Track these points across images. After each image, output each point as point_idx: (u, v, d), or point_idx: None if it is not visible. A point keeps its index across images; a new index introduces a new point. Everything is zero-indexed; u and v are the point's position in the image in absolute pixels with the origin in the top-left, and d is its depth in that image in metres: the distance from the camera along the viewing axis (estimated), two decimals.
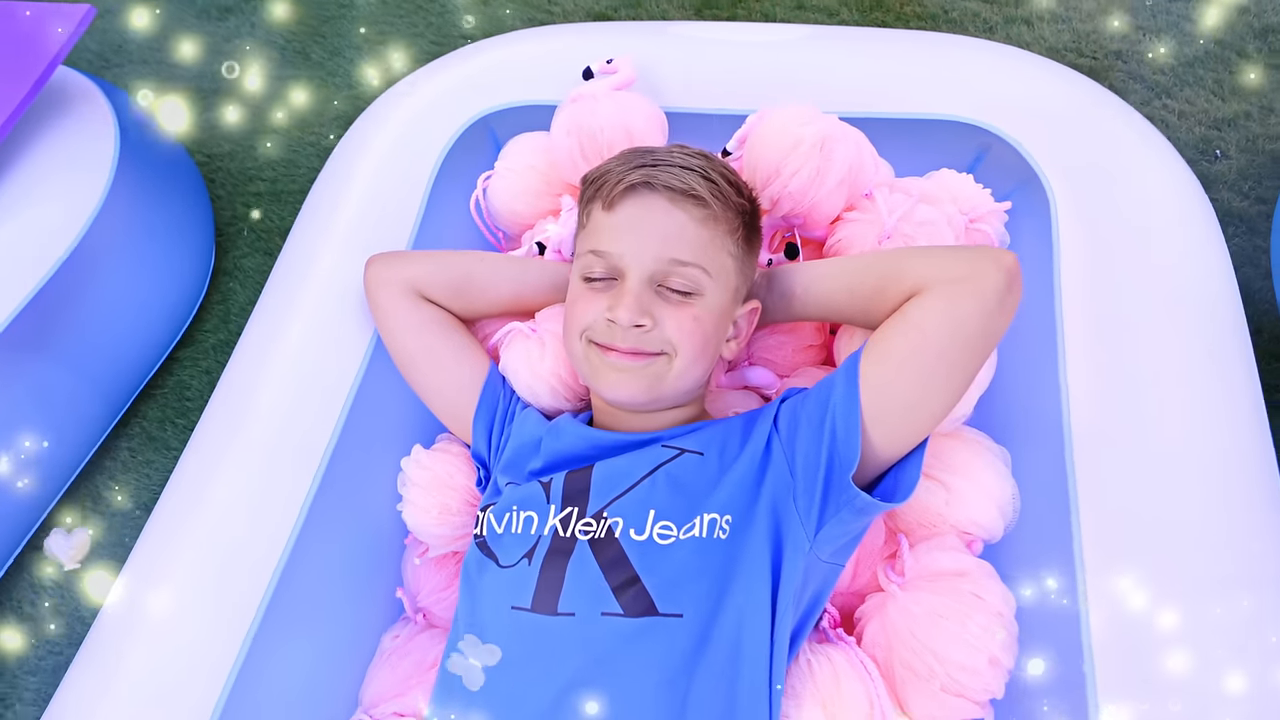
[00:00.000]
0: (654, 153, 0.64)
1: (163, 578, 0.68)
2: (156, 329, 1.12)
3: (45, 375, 0.99)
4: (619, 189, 0.62)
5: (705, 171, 0.62)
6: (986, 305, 0.56)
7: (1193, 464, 0.63)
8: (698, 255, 0.61)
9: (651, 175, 0.61)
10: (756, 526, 0.58)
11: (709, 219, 0.62)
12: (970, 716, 0.58)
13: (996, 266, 0.57)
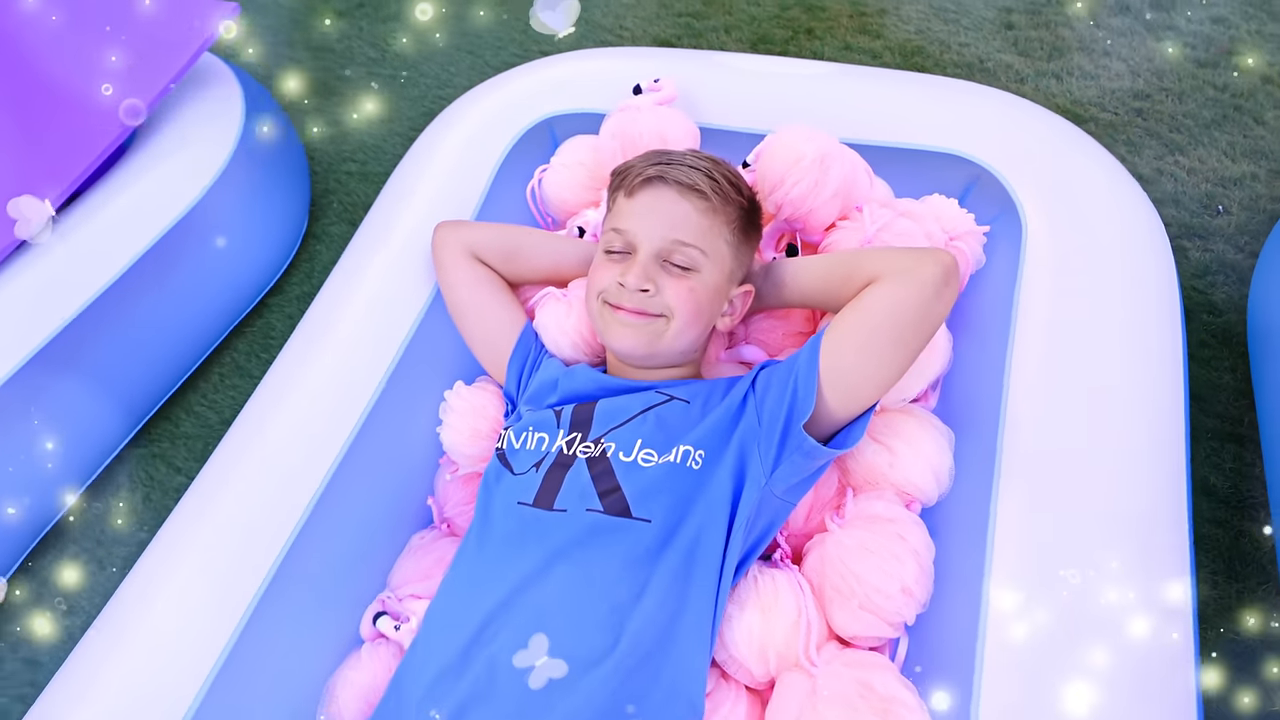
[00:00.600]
0: (671, 154, 0.79)
1: (243, 462, 0.85)
2: (253, 277, 1.33)
3: (159, 305, 1.19)
4: (638, 180, 0.77)
5: (710, 171, 0.77)
6: (924, 293, 0.69)
7: (1107, 461, 0.73)
8: (697, 238, 0.76)
9: (665, 171, 0.76)
10: (724, 462, 0.72)
11: (709, 210, 0.76)
12: (884, 636, 0.70)
13: (935, 262, 0.69)
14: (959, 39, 1.52)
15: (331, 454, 0.85)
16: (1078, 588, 0.65)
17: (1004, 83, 1.43)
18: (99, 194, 1.14)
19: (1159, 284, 0.85)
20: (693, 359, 0.84)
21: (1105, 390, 0.76)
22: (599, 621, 0.65)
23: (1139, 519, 0.70)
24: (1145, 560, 0.68)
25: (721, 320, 0.82)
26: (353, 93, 1.70)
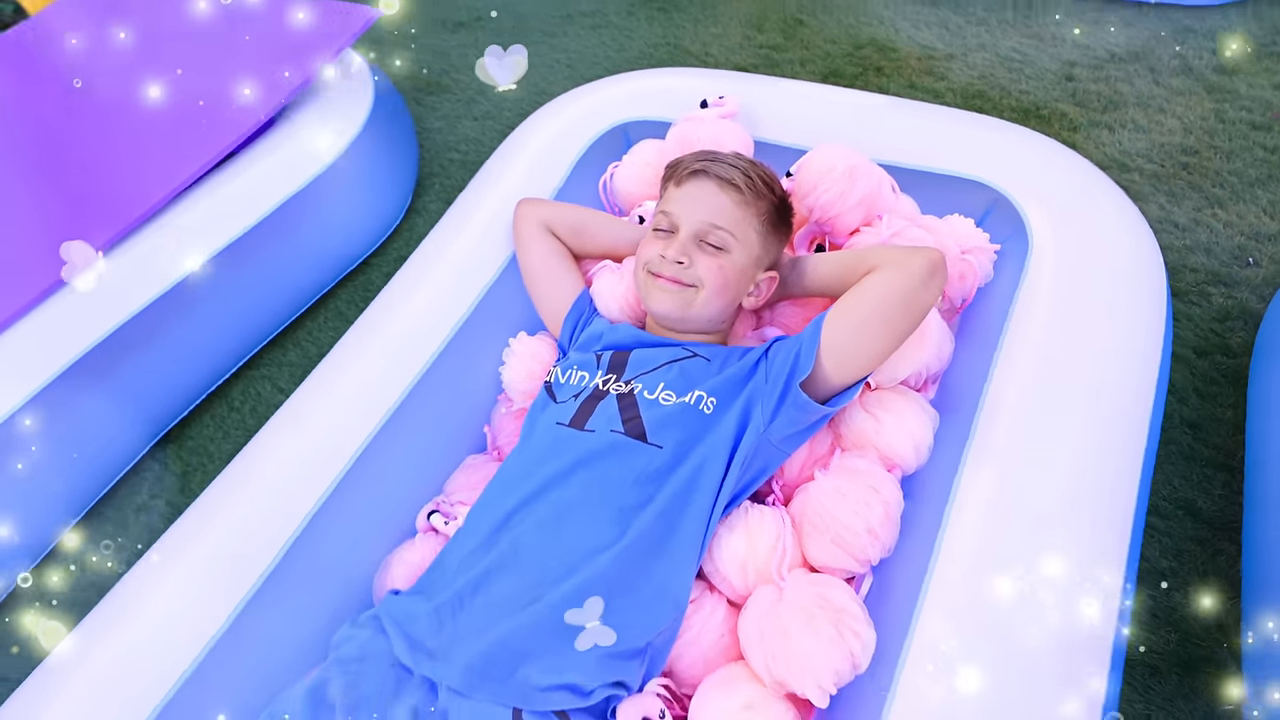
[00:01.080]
0: (716, 153, 0.95)
1: (333, 385, 1.03)
2: (361, 239, 1.55)
3: (285, 251, 1.42)
4: (685, 172, 0.93)
5: (746, 171, 0.92)
6: (911, 281, 0.82)
7: (1064, 458, 0.82)
8: (730, 224, 0.91)
9: (708, 166, 0.92)
10: (732, 410, 0.86)
11: (743, 202, 0.91)
12: (850, 570, 0.82)
13: (924, 257, 0.82)
14: (1020, 86, 1.63)
15: (406, 382, 1.03)
16: (1015, 561, 0.75)
17: (1056, 129, 1.53)
18: (252, 153, 1.39)
19: (1147, 312, 0.93)
20: (720, 329, 0.98)
21: (1075, 396, 0.86)
22: (608, 519, 0.80)
23: (1085, 514, 0.78)
24: (1082, 549, 0.76)
25: (747, 299, 0.96)
26: (463, 93, 1.94)
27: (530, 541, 0.79)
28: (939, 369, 0.98)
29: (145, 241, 1.27)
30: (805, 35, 1.87)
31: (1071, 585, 0.73)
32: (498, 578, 0.78)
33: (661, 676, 0.79)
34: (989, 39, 1.74)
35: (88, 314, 1.20)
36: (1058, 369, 0.88)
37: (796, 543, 0.83)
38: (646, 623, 0.77)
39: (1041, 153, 1.09)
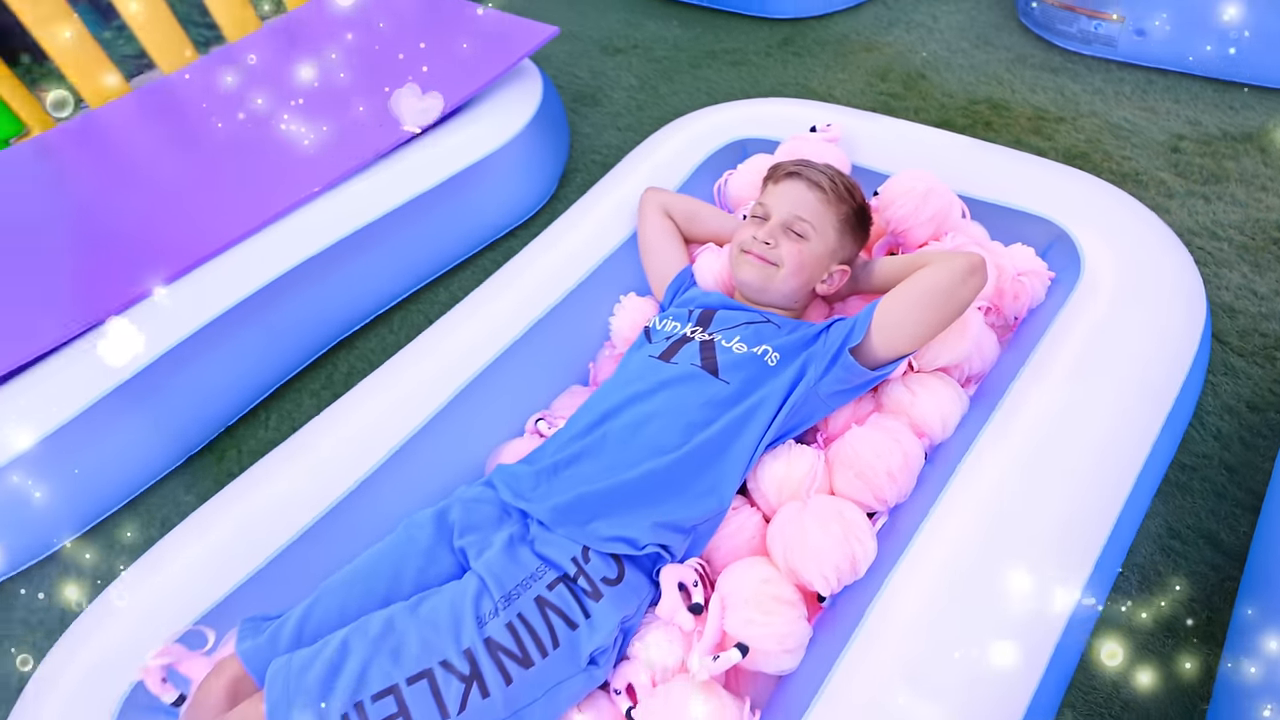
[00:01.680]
0: (811, 161, 1.16)
1: (469, 320, 1.30)
2: (512, 213, 1.86)
3: (450, 213, 1.73)
4: (782, 173, 1.15)
5: (832, 178, 1.13)
6: (953, 277, 0.99)
7: (1061, 464, 0.93)
8: (812, 218, 1.11)
9: (801, 170, 1.13)
10: (791, 366, 1.06)
11: (825, 202, 1.12)
12: (868, 505, 0.99)
13: (965, 259, 1.00)
14: (1124, 152, 1.74)
15: (531, 320, 1.29)
16: (988, 545, 0.88)
17: (1152, 195, 1.63)
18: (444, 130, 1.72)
19: (1177, 352, 1.04)
20: (794, 307, 1.18)
21: (1084, 413, 0.96)
22: (677, 430, 1.01)
23: (1066, 525, 0.89)
24: (1056, 556, 0.87)
25: (821, 285, 1.16)
26: (612, 107, 2.24)
27: (615, 437, 1.02)
28: (980, 369, 1.14)
29: (356, 187, 1.61)
30: (925, 88, 2.05)
31: (1030, 577, 0.86)
32: (586, 459, 1.01)
33: (699, 558, 0.99)
34: (1101, 107, 1.86)
35: (304, 235, 1.54)
36: (1078, 384, 1.00)
37: (827, 477, 1.01)
38: (693, 511, 0.97)
39: (1105, 198, 1.22)
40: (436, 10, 2.04)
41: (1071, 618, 0.85)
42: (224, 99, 1.94)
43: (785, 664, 0.88)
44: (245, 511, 1.09)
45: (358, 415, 1.19)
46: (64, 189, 1.79)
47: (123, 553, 1.38)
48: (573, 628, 0.88)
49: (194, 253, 1.48)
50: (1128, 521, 0.95)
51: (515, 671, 0.83)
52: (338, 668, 0.80)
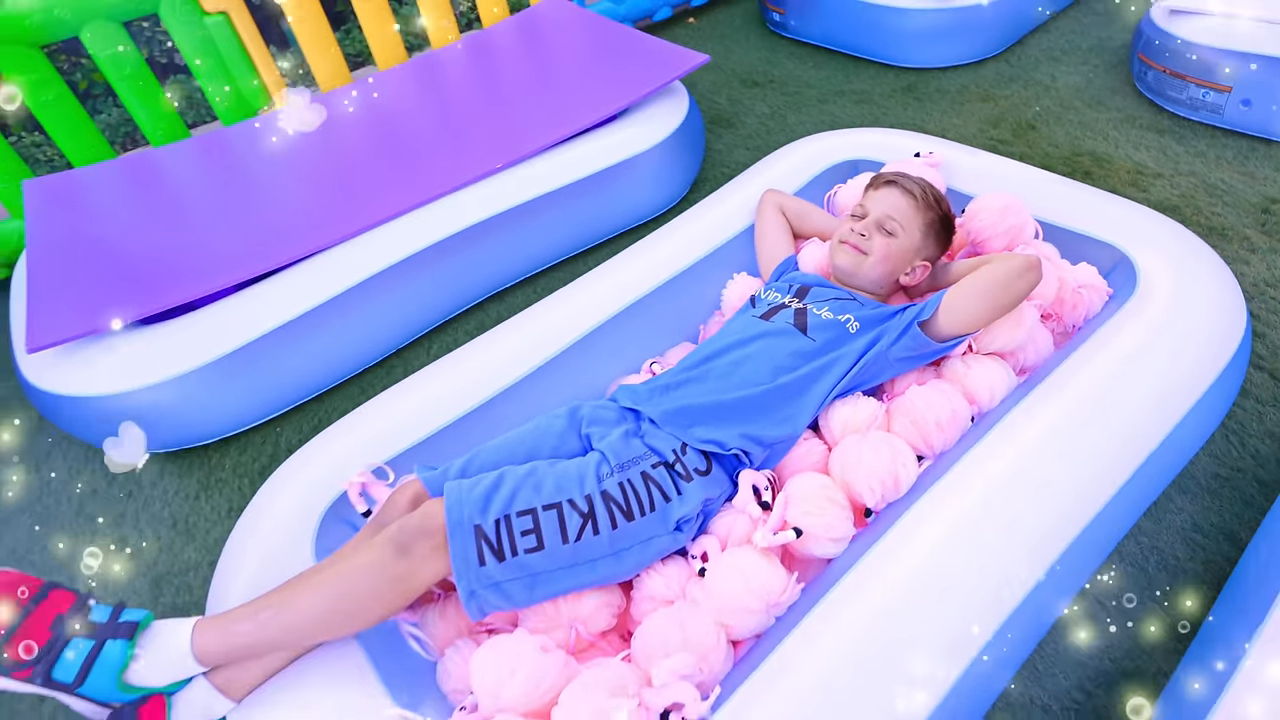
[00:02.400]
0: (908, 173, 1.40)
1: (609, 277, 1.60)
2: (648, 208, 2.18)
3: (599, 199, 2.07)
4: (881, 181, 1.40)
5: (923, 188, 1.36)
6: (1010, 272, 1.20)
7: (1051, 466, 1.10)
8: (901, 218, 1.35)
9: (897, 179, 1.38)
10: (868, 333, 1.29)
11: (914, 206, 1.35)
12: (919, 450, 1.20)
13: (1024, 259, 1.21)
14: (1214, 209, 1.86)
15: (656, 283, 1.58)
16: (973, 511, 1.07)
17: (1235, 248, 1.75)
18: (605, 130, 2.06)
19: (1206, 364, 1.21)
20: (879, 293, 1.42)
21: (1096, 416, 1.14)
22: (767, 371, 1.26)
23: (1070, 491, 1.08)
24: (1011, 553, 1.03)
25: (904, 276, 1.39)
26: (744, 130, 2.54)
27: (718, 370, 1.28)
28: (1034, 362, 1.34)
29: (527, 169, 1.97)
30: (1033, 138, 2.23)
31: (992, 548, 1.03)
32: (692, 384, 1.28)
33: (771, 471, 1.23)
34: (1200, 168, 1.99)
35: (481, 202, 1.91)
36: (1108, 377, 1.18)
37: (885, 424, 1.24)
38: (771, 432, 1.22)
39: (1165, 230, 1.40)
40: (611, 35, 2.41)
41: (1043, 582, 1.02)
42: (430, 92, 2.37)
43: (829, 550, 1.11)
44: (425, 394, 1.42)
45: (513, 338, 1.51)
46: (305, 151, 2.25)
47: (314, 428, 1.76)
48: (666, 499, 1.14)
49: (396, 206, 1.87)
50: (1130, 496, 1.13)
51: (620, 520, 1.10)
52: (495, 489, 1.09)
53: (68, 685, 0.94)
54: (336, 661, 1.05)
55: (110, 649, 0.96)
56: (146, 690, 0.98)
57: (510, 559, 1.03)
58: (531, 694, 0.96)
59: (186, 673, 0.99)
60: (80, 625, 0.97)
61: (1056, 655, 1.15)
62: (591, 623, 1.09)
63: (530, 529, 1.05)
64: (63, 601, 0.98)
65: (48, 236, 1.91)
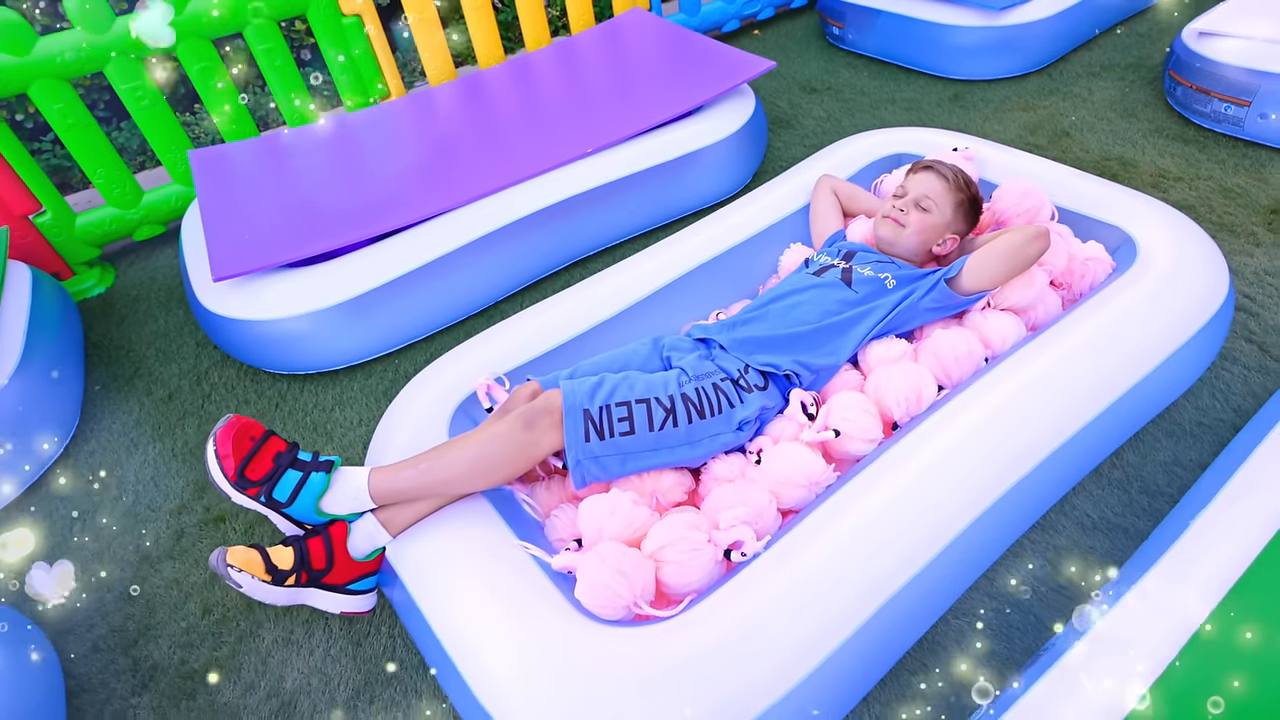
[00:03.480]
0: (943, 161, 1.68)
1: (683, 243, 1.91)
2: (713, 193, 2.48)
3: (673, 182, 2.38)
4: (920, 166, 1.68)
5: (955, 173, 1.64)
6: (1024, 239, 1.47)
7: (1061, 386, 1.39)
8: (935, 197, 1.62)
9: (933, 164, 1.66)
10: (903, 288, 1.57)
11: (947, 188, 1.63)
12: (940, 380, 1.47)
13: (1034, 228, 1.47)
14: (1227, 209, 2.08)
15: (722, 248, 1.88)
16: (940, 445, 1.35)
17: (1241, 242, 1.96)
18: (682, 123, 2.38)
19: (1186, 321, 1.45)
20: (915, 260, 1.68)
21: (1084, 359, 1.39)
22: (817, 313, 1.55)
23: (1027, 440, 1.36)
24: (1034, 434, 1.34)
25: (936, 247, 1.66)
26: (802, 130, 2.83)
27: (776, 312, 1.57)
28: (1043, 320, 1.59)
29: (614, 154, 2.29)
30: (1066, 144, 2.46)
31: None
32: (755, 322, 1.58)
33: (816, 393, 1.51)
34: (1219, 174, 2.20)
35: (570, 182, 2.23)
36: (1097, 328, 1.43)
37: (914, 358, 1.51)
38: (818, 361, 1.51)
39: (1167, 217, 1.64)
40: (688, 42, 2.74)
41: (1029, 477, 1.29)
42: (525, 88, 2.73)
43: (862, 449, 1.38)
44: (532, 326, 1.74)
45: (605, 286, 1.82)
46: (419, 135, 2.62)
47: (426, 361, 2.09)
48: (731, 406, 1.43)
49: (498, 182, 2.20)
50: (1110, 423, 1.38)
51: (694, 417, 1.39)
52: (598, 386, 1.39)
53: (281, 503, 1.28)
54: (471, 513, 1.36)
55: (315, 478, 1.29)
56: (334, 516, 1.31)
57: (609, 439, 1.34)
58: (626, 529, 1.26)
59: (362, 506, 1.32)
60: (293, 461, 1.30)
61: (1043, 543, 1.40)
62: (668, 495, 1.39)
63: (625, 417, 1.35)
64: (280, 445, 1.32)
65: (214, 195, 2.31)
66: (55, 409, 1.98)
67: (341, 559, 1.31)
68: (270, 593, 1.26)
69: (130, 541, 1.71)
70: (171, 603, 1.58)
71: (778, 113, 2.97)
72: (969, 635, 1.30)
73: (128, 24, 2.38)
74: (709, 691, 1.02)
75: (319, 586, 1.31)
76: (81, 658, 1.50)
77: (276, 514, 1.30)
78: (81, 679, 1.46)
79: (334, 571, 1.31)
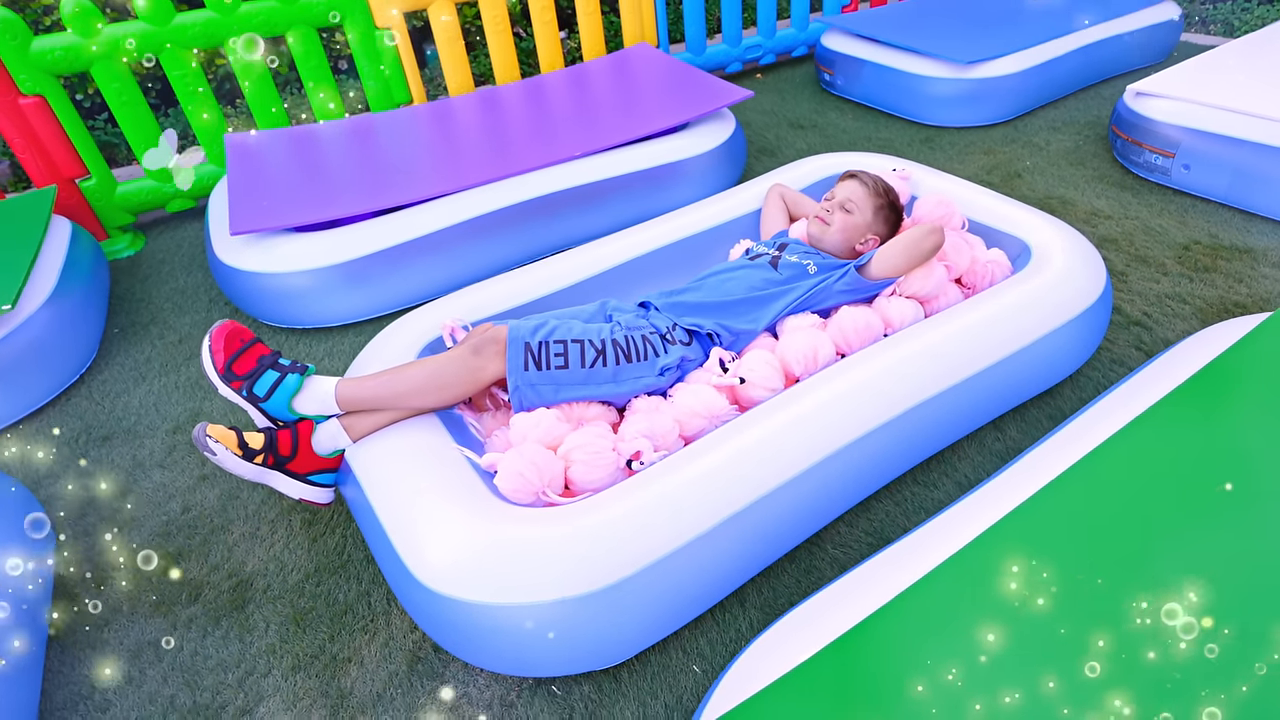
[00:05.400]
0: (867, 172, 1.97)
1: (649, 231, 2.21)
2: (697, 197, 2.79)
3: (650, 191, 2.70)
4: (847, 175, 1.97)
5: (876, 181, 1.93)
6: (921, 234, 1.75)
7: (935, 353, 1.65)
8: (857, 200, 1.91)
9: (857, 174, 1.95)
10: (822, 274, 1.84)
11: (868, 193, 1.91)
12: (840, 349, 1.73)
13: (931, 225, 1.75)
14: (1145, 243, 2.34)
15: (686, 234, 2.17)
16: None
17: (1152, 271, 2.21)
18: (667, 138, 2.71)
19: (1057, 315, 1.71)
20: (840, 255, 1.95)
21: (967, 331, 1.67)
22: (743, 289, 1.82)
23: (897, 394, 1.62)
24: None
25: (860, 245, 1.94)
26: (783, 158, 3.16)
27: (709, 285, 1.85)
28: (944, 305, 1.85)
29: (605, 158, 2.63)
30: (1016, 184, 2.75)
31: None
32: (689, 291, 1.85)
33: (735, 353, 1.77)
34: (1144, 214, 2.47)
35: (559, 178, 2.56)
36: (986, 315, 1.69)
37: (821, 329, 1.77)
38: (738, 326, 1.77)
39: (1060, 229, 1.90)
40: (681, 72, 3.10)
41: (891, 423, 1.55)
42: (533, 102, 3.10)
43: (763, 396, 1.63)
44: (498, 290, 2.03)
45: (568, 263, 2.11)
46: (430, 133, 2.98)
47: None
48: (656, 355, 1.70)
49: (493, 174, 2.54)
50: (985, 385, 1.63)
51: (621, 360, 1.65)
52: (540, 326, 1.66)
53: (260, 398, 1.55)
54: (423, 428, 1.62)
55: (290, 379, 1.56)
56: (303, 415, 1.58)
57: (544, 370, 1.59)
58: (546, 438, 1.52)
59: (328, 410, 1.58)
60: (273, 364, 1.58)
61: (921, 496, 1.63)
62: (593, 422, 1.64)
63: (561, 353, 1.61)
64: (264, 349, 1.60)
65: (242, 167, 2.66)
66: (77, 342, 2.30)
67: (305, 450, 1.57)
68: (239, 465, 1.52)
69: (129, 452, 1.99)
70: (157, 501, 1.84)
71: (764, 143, 3.31)
72: (824, 558, 1.53)
73: (183, 20, 2.80)
74: (594, 563, 1.25)
75: (283, 471, 1.57)
76: (71, 540, 1.76)
77: (254, 408, 1.56)
78: (69, 553, 1.73)
79: (297, 460, 1.57)
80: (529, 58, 4.52)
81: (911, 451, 1.61)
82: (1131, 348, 1.97)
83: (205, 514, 1.80)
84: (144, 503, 1.84)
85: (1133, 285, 2.18)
